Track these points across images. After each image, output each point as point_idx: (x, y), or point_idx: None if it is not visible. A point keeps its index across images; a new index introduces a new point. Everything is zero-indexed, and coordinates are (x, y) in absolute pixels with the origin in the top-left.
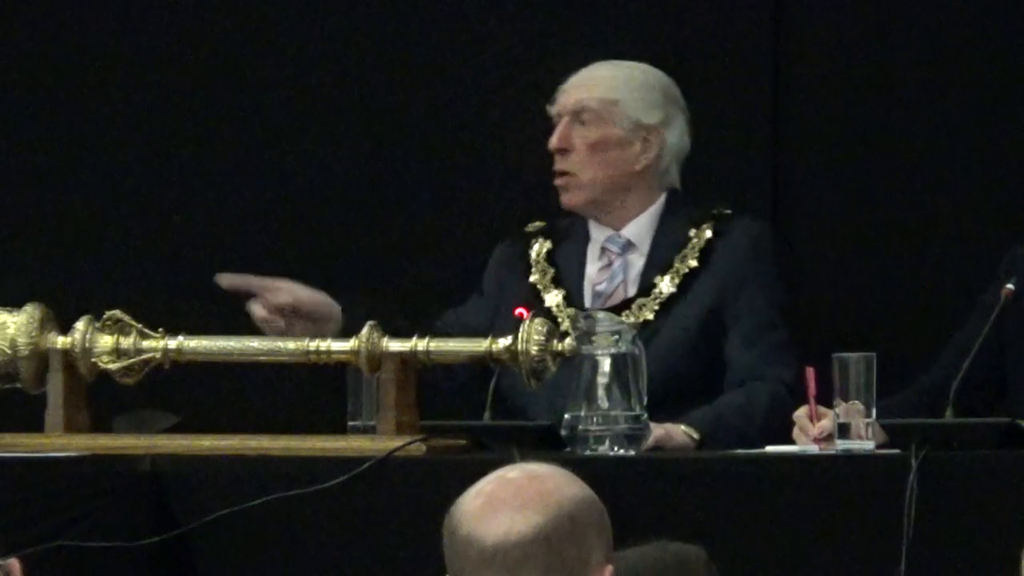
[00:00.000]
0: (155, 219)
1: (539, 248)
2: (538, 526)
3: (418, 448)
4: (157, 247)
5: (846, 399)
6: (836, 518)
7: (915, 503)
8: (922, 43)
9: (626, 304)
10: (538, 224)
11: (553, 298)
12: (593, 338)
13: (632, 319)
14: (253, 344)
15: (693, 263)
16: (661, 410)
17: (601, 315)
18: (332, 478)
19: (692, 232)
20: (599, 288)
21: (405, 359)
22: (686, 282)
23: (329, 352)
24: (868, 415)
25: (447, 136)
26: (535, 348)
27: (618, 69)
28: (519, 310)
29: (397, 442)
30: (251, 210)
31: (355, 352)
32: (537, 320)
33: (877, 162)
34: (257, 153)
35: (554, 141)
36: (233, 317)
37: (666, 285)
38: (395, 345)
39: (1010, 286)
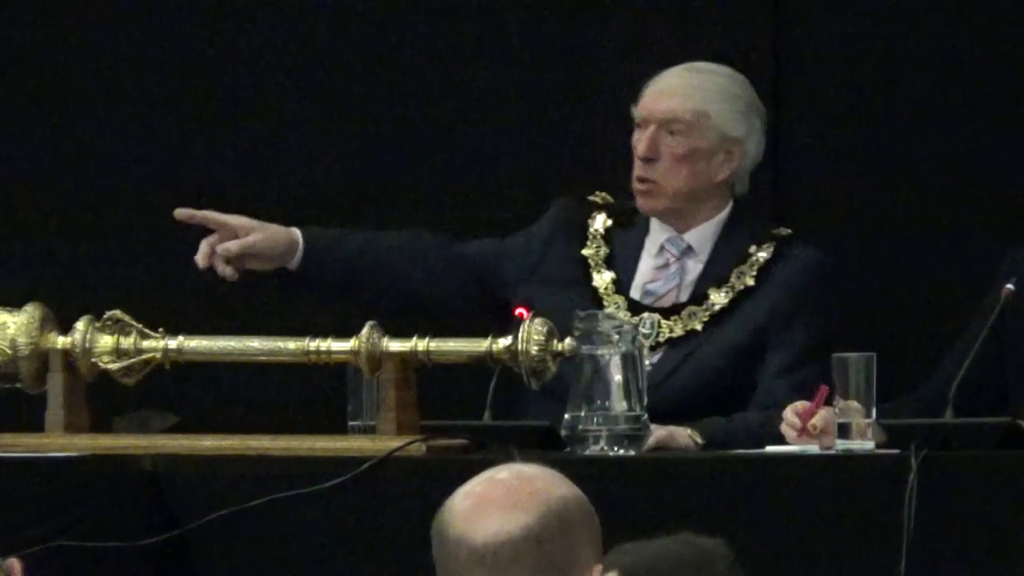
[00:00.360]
0: (155, 219)
1: (599, 222)
2: (527, 526)
3: (418, 448)
4: (157, 247)
5: (846, 399)
6: (836, 518)
7: (915, 503)
8: (922, 43)
9: (676, 309)
10: (605, 196)
11: (602, 279)
12: (593, 338)
13: (680, 326)
14: (253, 344)
15: (749, 281)
16: (693, 421)
17: (601, 315)
18: (332, 478)
19: (752, 248)
20: (651, 286)
21: (405, 359)
22: (739, 299)
23: (329, 352)
24: (868, 415)
25: (447, 135)
26: (535, 348)
27: (708, 77)
28: (519, 310)
29: (397, 442)
30: (251, 210)
31: (355, 352)
32: (537, 320)
33: (877, 162)
34: (257, 153)
35: (643, 149)
36: (233, 317)
37: (719, 298)
38: (395, 345)
39: (1010, 286)
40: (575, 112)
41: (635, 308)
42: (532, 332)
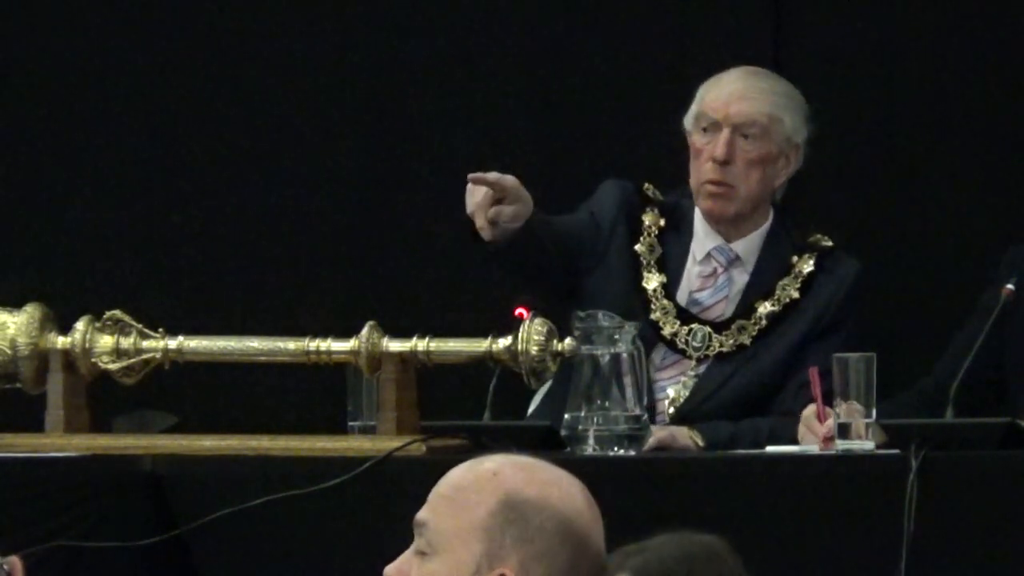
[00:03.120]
0: (155, 219)
1: (653, 219)
2: None
3: (418, 448)
4: (157, 247)
5: (846, 399)
6: (836, 518)
7: (915, 503)
8: (922, 43)
9: (726, 324)
10: (655, 192)
11: (652, 281)
12: (593, 338)
13: (731, 340)
14: (253, 344)
15: (794, 294)
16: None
17: (601, 314)
18: (332, 478)
19: (795, 259)
20: (698, 296)
21: (405, 359)
22: (785, 312)
23: (329, 352)
24: (868, 415)
25: (447, 136)
26: (535, 348)
27: (774, 82)
28: (519, 310)
29: (397, 442)
30: (251, 210)
31: (355, 352)
32: (537, 320)
33: (877, 162)
34: (257, 153)
35: (721, 152)
36: (233, 317)
37: (766, 311)
38: (395, 345)
39: (1010, 286)
40: (576, 111)
41: (683, 316)
42: (532, 332)
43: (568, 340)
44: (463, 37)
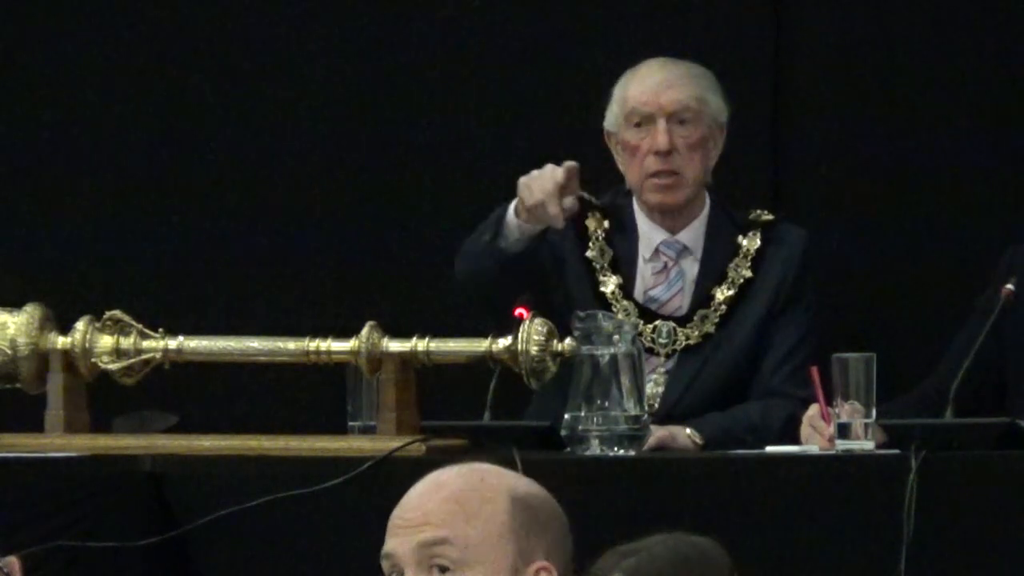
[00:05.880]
0: (155, 219)
1: (597, 223)
2: None
3: (418, 448)
4: (157, 247)
5: (846, 399)
6: (836, 518)
7: (915, 503)
8: (922, 43)
9: (689, 316)
10: (592, 197)
11: (609, 284)
12: (593, 338)
13: (696, 332)
14: (253, 344)
15: (747, 273)
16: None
17: (601, 315)
18: (332, 478)
19: (740, 239)
20: (653, 293)
21: (405, 359)
22: (742, 293)
23: (329, 352)
24: (868, 415)
25: (447, 136)
26: (535, 348)
27: (690, 66)
28: (519, 310)
29: (397, 442)
30: (251, 210)
31: (355, 352)
32: (537, 320)
33: (877, 162)
34: (257, 153)
35: (664, 141)
36: (233, 317)
37: (724, 296)
38: (395, 345)
39: (1010, 286)
40: (575, 112)
41: (645, 314)
42: (532, 332)
43: (568, 340)
44: (462, 37)
